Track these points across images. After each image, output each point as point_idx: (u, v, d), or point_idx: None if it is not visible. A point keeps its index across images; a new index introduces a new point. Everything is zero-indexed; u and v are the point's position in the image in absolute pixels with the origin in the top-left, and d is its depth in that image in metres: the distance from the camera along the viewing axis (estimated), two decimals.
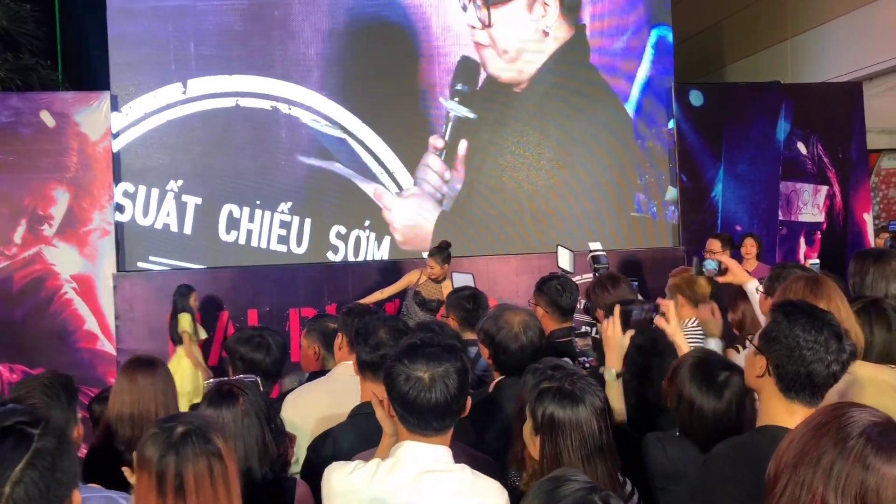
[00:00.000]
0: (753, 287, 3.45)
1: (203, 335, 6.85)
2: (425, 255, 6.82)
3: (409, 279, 6.85)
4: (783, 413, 2.00)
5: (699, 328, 4.13)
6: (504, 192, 8.32)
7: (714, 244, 7.02)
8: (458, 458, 2.05)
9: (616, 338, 2.72)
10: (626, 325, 2.74)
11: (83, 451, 3.15)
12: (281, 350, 3.26)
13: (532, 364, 2.39)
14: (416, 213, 8.13)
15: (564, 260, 5.38)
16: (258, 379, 2.65)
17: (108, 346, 7.20)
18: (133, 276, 7.44)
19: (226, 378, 2.70)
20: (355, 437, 2.57)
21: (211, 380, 2.66)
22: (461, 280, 5.81)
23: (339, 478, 2.04)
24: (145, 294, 7.36)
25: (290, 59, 7.89)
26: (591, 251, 5.16)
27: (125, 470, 2.13)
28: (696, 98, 8.62)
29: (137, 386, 2.78)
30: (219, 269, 7.63)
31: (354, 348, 2.77)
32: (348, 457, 2.18)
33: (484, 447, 2.60)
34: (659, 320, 2.84)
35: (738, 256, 6.62)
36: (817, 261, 5.31)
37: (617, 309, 2.77)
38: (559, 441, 2.09)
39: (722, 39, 11.89)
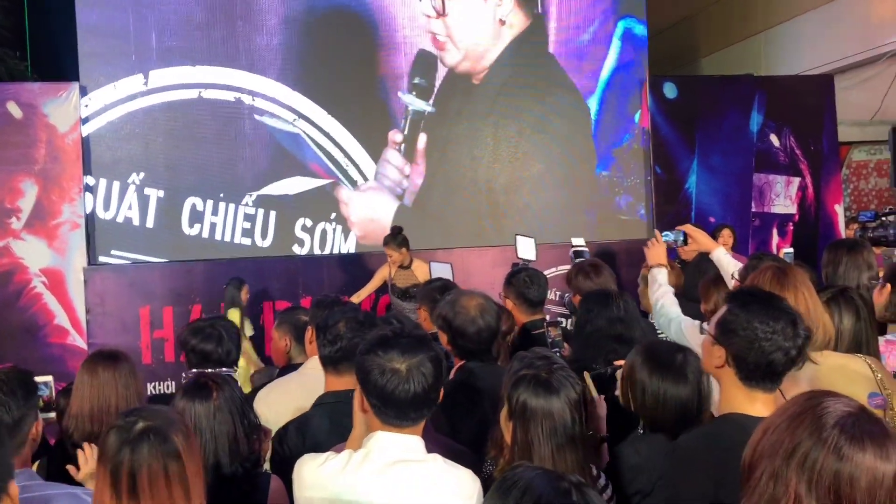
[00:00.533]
0: (721, 253, 3.45)
1: (250, 331, 6.66)
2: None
3: (382, 275, 6.79)
4: (744, 401, 2.01)
5: None
6: (466, 184, 8.25)
7: None
8: (433, 448, 2.03)
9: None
10: (598, 388, 2.62)
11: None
12: (234, 340, 3.15)
13: (521, 352, 2.38)
14: (374, 207, 8.00)
15: (525, 249, 5.25)
16: (234, 373, 2.61)
17: (79, 341, 7.09)
18: (104, 270, 7.33)
19: (207, 371, 2.67)
20: (319, 426, 2.55)
21: (192, 371, 2.63)
22: (439, 270, 5.69)
23: (310, 469, 2.02)
24: (117, 288, 7.26)
25: (254, 50, 7.77)
26: (573, 247, 5.08)
27: (70, 469, 2.09)
28: (669, 90, 8.66)
29: (98, 380, 2.73)
30: (192, 262, 7.52)
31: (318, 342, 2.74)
32: (314, 447, 2.16)
33: (455, 433, 2.58)
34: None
35: None
36: (791, 251, 5.36)
37: (586, 374, 2.67)
38: (530, 429, 2.10)
39: (696, 32, 11.95)
